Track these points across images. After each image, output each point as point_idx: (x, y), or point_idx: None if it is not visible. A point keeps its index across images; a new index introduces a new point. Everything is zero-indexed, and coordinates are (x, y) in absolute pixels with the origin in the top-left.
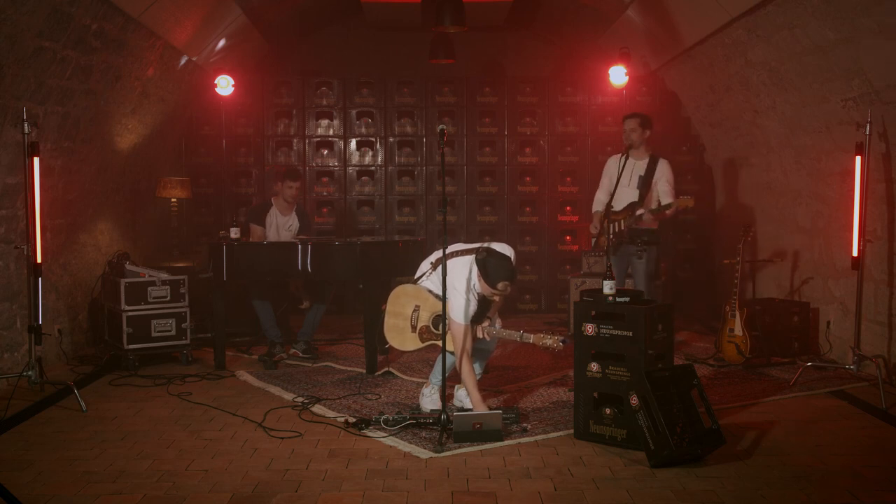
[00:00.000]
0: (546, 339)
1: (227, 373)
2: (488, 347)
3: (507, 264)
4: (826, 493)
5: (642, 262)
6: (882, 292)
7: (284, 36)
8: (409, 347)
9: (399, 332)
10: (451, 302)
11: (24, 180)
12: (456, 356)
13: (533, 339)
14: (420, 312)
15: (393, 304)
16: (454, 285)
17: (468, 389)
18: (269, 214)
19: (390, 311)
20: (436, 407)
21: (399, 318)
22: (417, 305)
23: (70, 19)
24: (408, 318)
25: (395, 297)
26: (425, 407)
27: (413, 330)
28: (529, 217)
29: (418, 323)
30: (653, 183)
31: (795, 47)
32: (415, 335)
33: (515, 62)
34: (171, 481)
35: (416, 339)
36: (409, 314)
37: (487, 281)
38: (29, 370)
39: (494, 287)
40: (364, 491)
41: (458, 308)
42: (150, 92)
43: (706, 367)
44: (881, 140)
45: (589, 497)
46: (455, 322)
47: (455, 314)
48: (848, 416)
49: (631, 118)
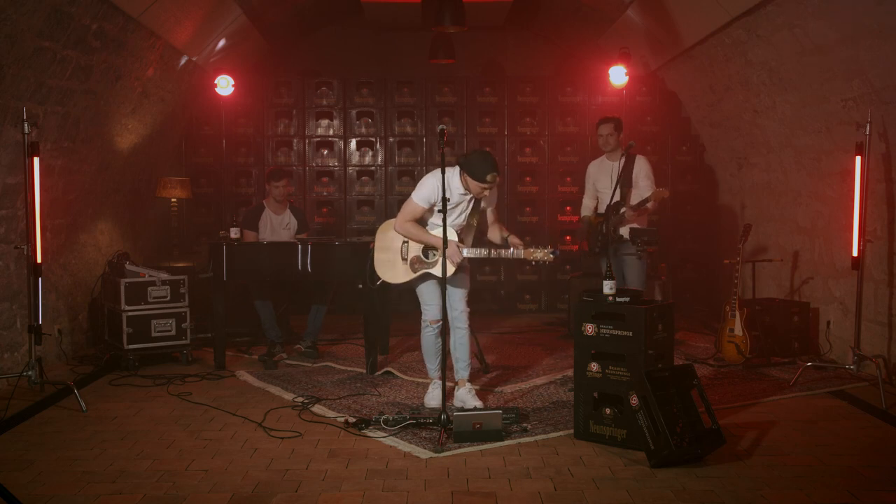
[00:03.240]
0: (536, 253)
1: (227, 373)
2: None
3: (489, 157)
4: (826, 493)
5: (641, 262)
6: (882, 292)
7: (284, 36)
8: (402, 279)
9: (390, 266)
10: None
11: (24, 180)
12: (397, 219)
13: (524, 254)
14: (410, 244)
15: (381, 240)
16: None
17: (414, 234)
18: (263, 217)
19: (379, 246)
20: (435, 404)
21: (388, 252)
22: (406, 240)
23: (70, 19)
24: (397, 251)
25: (382, 233)
26: (428, 403)
27: (404, 261)
28: (529, 217)
29: (409, 254)
30: (633, 180)
31: (795, 47)
32: (406, 265)
33: (515, 62)
34: (171, 481)
35: (408, 269)
36: (398, 247)
37: (475, 177)
38: (29, 370)
39: (483, 180)
40: (364, 491)
41: (418, 192)
42: (150, 92)
43: (706, 367)
44: (881, 140)
45: (589, 497)
46: (411, 199)
47: (414, 195)
48: (848, 416)
49: (605, 123)
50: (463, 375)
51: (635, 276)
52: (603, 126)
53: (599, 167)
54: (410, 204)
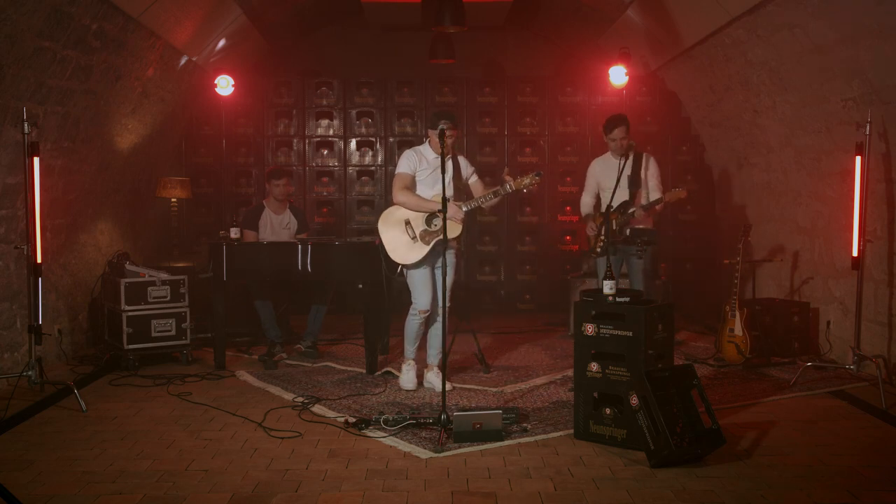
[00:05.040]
0: (525, 180)
1: (227, 373)
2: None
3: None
4: (826, 493)
5: (641, 261)
6: (882, 292)
7: (284, 36)
8: (420, 255)
9: (406, 249)
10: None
11: (24, 180)
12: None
13: (514, 185)
14: (413, 223)
15: (385, 232)
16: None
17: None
18: (262, 217)
19: (386, 239)
20: (411, 386)
21: (396, 239)
22: (407, 220)
23: (70, 19)
24: (404, 233)
25: (383, 224)
26: (405, 386)
27: (414, 239)
28: (529, 217)
29: (416, 231)
30: (641, 179)
31: (795, 47)
32: (419, 242)
33: (515, 62)
34: (171, 481)
35: (421, 245)
36: (403, 230)
37: (434, 126)
38: (29, 370)
39: (435, 127)
40: (364, 491)
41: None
42: (150, 92)
43: (706, 367)
44: (881, 140)
45: (589, 497)
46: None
47: (398, 169)
48: (848, 416)
49: (619, 127)
50: (434, 362)
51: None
52: (617, 130)
53: (604, 165)
54: (398, 177)
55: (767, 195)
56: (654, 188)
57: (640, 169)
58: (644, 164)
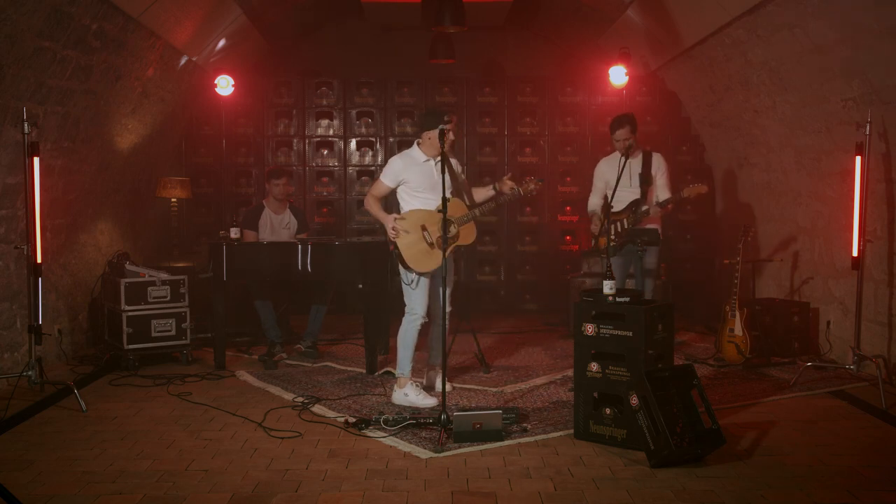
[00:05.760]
0: (529, 185)
1: (227, 373)
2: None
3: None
4: (826, 493)
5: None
6: (882, 292)
7: (284, 36)
8: (438, 263)
9: (426, 255)
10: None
11: (24, 180)
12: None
13: (522, 191)
14: (429, 228)
15: (401, 240)
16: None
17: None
18: (262, 217)
19: (403, 247)
20: (432, 402)
21: (414, 246)
22: (423, 225)
23: (70, 19)
24: (421, 240)
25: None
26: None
27: (432, 246)
28: (529, 217)
29: (433, 237)
30: (652, 177)
31: (795, 47)
32: (437, 249)
33: (515, 62)
34: (171, 481)
35: (438, 252)
36: (420, 236)
37: (434, 126)
38: (29, 370)
39: (442, 122)
40: (364, 491)
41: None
42: (150, 92)
43: (706, 367)
44: (881, 140)
45: (589, 497)
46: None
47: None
48: (848, 416)
49: (621, 128)
50: (437, 362)
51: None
52: (620, 131)
53: (611, 164)
54: (378, 183)
55: (767, 195)
56: (663, 186)
57: (649, 167)
58: (653, 162)
